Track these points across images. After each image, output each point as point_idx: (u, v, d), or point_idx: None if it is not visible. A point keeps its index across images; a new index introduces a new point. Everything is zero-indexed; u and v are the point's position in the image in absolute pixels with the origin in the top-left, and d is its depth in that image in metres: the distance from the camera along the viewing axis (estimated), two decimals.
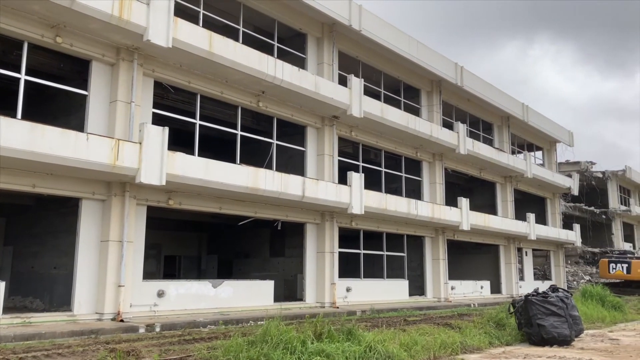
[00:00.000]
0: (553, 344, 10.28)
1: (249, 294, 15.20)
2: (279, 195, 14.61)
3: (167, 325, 11.41)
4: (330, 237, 17.52)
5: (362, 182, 17.30)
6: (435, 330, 10.29)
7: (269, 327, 7.48)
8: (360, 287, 18.78)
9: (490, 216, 24.45)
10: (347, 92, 17.26)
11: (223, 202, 14.54)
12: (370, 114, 18.14)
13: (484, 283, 25.71)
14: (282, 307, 15.94)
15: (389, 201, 18.59)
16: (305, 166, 17.47)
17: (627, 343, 10.83)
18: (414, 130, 20.16)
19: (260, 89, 15.38)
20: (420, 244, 22.52)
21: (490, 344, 10.13)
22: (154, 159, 11.72)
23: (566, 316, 10.52)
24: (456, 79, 23.18)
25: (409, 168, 22.41)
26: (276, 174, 14.56)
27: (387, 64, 21.04)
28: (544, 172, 29.96)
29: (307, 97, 16.14)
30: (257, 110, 16.09)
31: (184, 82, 13.98)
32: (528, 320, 10.65)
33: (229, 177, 13.36)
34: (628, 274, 30.75)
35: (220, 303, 14.33)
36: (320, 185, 15.93)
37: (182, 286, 13.67)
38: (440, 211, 21.03)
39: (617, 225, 44.73)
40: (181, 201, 13.64)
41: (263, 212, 15.69)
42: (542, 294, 10.90)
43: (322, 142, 17.79)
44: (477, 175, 26.25)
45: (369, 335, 8.19)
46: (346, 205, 16.76)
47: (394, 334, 9.21)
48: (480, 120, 27.47)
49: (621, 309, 17.09)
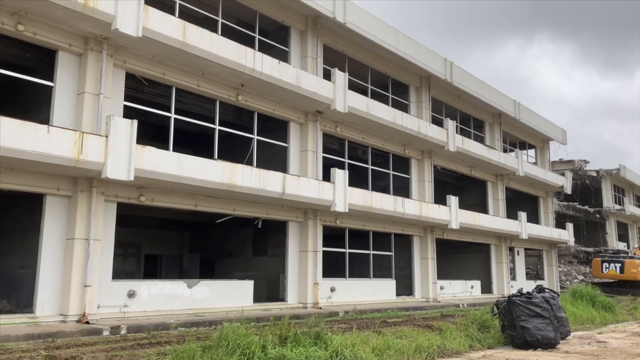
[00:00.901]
0: (537, 347, 9.80)
1: (227, 295, 14.67)
2: (257, 192, 14.08)
3: (134, 328, 10.87)
4: (314, 235, 17.00)
5: (346, 179, 16.79)
6: (413, 333, 9.79)
7: (226, 331, 6.95)
8: (345, 287, 18.27)
9: (481, 215, 23.97)
10: (330, 86, 16.75)
11: (199, 199, 14.01)
12: (355, 109, 17.63)
13: (475, 283, 25.24)
14: (262, 307, 15.47)
15: (375, 199, 18.08)
16: (287, 162, 16.96)
17: (615, 346, 10.35)
18: (401, 126, 19.66)
19: (239, 82, 14.85)
20: (408, 243, 22.04)
21: (471, 347, 9.64)
22: (122, 153, 11.18)
23: (551, 318, 10.04)
24: (445, 74, 22.69)
25: (397, 165, 21.92)
26: (254, 169, 14.04)
27: (374, 58, 20.54)
28: (536, 170, 29.51)
29: (288, 90, 15.62)
30: (237, 104, 15.56)
31: (158, 74, 13.44)
32: (511, 322, 10.18)
33: (204, 173, 12.83)
34: (621, 274, 30.33)
35: (195, 304, 13.79)
36: (301, 181, 15.41)
37: (155, 286, 13.13)
38: (428, 209, 20.54)
39: (611, 225, 44.37)
40: (154, 198, 13.10)
41: (242, 209, 15.16)
42: (526, 294, 10.42)
43: (306, 138, 17.27)
44: (468, 173, 25.77)
45: (338, 339, 7.67)
46: (329, 203, 16.25)
47: (367, 337, 8.71)
48: (471, 117, 27.00)
49: (612, 309, 16.65)
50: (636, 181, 47.02)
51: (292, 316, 14.62)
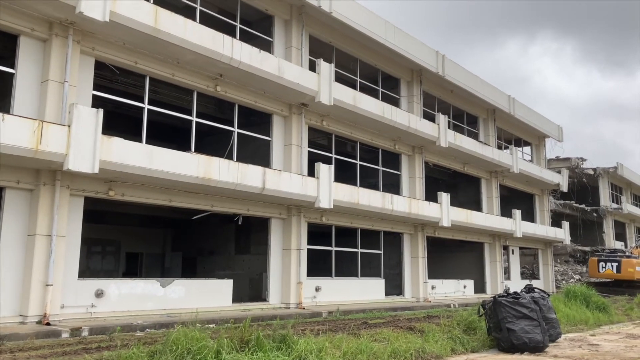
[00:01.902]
0: (524, 351, 9.17)
1: (204, 294, 14.02)
2: (235, 186, 13.43)
3: (97, 329, 10.22)
4: (297, 233, 16.36)
5: (331, 174, 16.14)
6: (393, 335, 9.15)
7: (175, 335, 6.30)
8: (331, 286, 17.63)
9: (473, 212, 23.34)
10: (315, 77, 16.09)
11: (173, 194, 13.36)
12: (341, 102, 16.98)
13: (467, 282, 24.62)
14: (242, 308, 14.84)
15: (362, 195, 17.44)
16: (270, 157, 16.32)
17: (608, 349, 9.72)
18: (390, 120, 19.01)
19: (217, 71, 14.20)
20: (398, 241, 21.40)
21: (453, 350, 9.00)
22: (86, 144, 10.52)
23: (539, 319, 9.40)
24: (437, 68, 22.04)
25: (387, 161, 21.29)
26: (232, 163, 13.38)
27: (363, 50, 19.89)
28: (531, 168, 28.88)
29: (270, 81, 14.97)
30: (216, 96, 14.91)
31: (130, 63, 12.78)
32: (497, 324, 9.54)
33: (177, 166, 12.18)
34: (618, 273, 29.78)
35: (170, 304, 13.15)
36: (283, 176, 14.76)
37: (125, 285, 12.48)
38: (419, 206, 19.90)
39: (609, 224, 43.80)
40: (124, 192, 12.44)
41: (220, 205, 14.51)
42: (512, 294, 9.78)
43: (290, 132, 16.62)
44: (461, 170, 25.14)
45: (303, 343, 7.03)
46: (313, 199, 15.61)
47: (341, 340, 8.06)
48: (465, 112, 26.36)
49: (607, 310, 16.03)
50: (634, 180, 46.45)
51: (272, 317, 14.09)
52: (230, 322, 12.89)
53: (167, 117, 14.84)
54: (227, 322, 12.79)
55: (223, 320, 12.60)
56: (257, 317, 13.41)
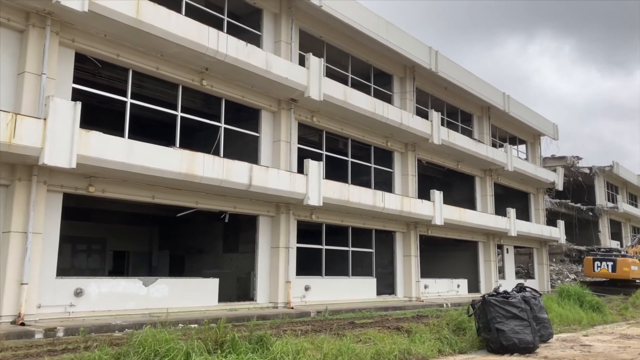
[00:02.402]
0: (514, 352, 8.86)
1: (189, 294, 13.67)
2: (220, 183, 13.08)
3: (73, 330, 9.87)
4: (286, 231, 16.02)
5: (320, 171, 15.80)
6: (379, 336, 8.82)
7: (143, 336, 5.97)
8: (321, 285, 17.30)
9: (467, 210, 23.04)
10: (304, 72, 15.76)
11: (157, 191, 13.00)
12: (331, 98, 16.65)
13: (461, 281, 24.32)
14: (228, 307, 14.50)
15: (352, 192, 17.11)
16: (258, 153, 15.98)
17: (600, 350, 9.42)
18: (381, 116, 18.69)
19: (203, 65, 13.85)
20: (391, 240, 21.08)
21: (440, 352, 8.69)
22: (63, 138, 10.16)
23: (529, 319, 9.10)
24: (430, 64, 21.73)
25: (380, 159, 20.97)
26: (217, 158, 13.03)
27: (354, 46, 19.56)
28: (526, 166, 28.61)
29: (257, 76, 14.63)
30: (202, 90, 14.56)
31: (112, 55, 12.42)
32: (486, 324, 9.24)
33: (159, 162, 11.82)
34: (613, 273, 29.51)
35: (153, 303, 12.79)
36: (271, 173, 14.42)
37: (106, 284, 12.12)
38: (411, 204, 19.59)
39: (604, 223, 43.59)
40: (105, 188, 12.08)
41: (206, 202, 14.16)
42: (502, 294, 9.48)
43: (279, 128, 16.28)
44: (455, 168, 24.84)
45: (279, 344, 6.71)
46: (302, 196, 15.27)
47: (322, 341, 7.73)
48: (459, 110, 26.06)
49: (601, 309, 15.74)
50: (630, 179, 46.26)
51: (258, 317, 13.76)
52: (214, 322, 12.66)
53: (155, 113, 14.46)
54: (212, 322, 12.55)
55: (207, 321, 12.27)
56: (242, 317, 13.07)
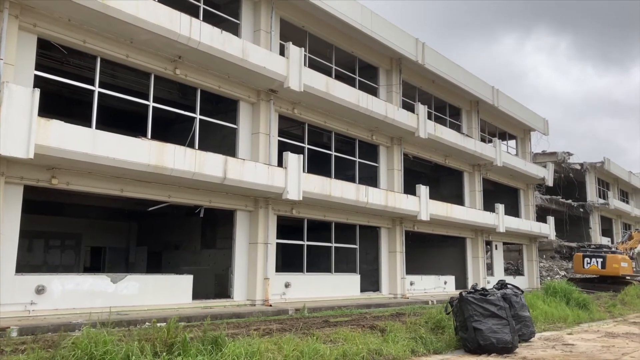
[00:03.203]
0: (491, 352, 8.42)
1: (161, 291, 13.15)
2: (192, 175, 12.55)
3: (29, 329, 9.33)
4: (265, 226, 15.51)
5: (300, 164, 15.29)
6: (351, 335, 8.36)
7: (78, 337, 5.46)
8: (302, 282, 16.81)
9: (454, 206, 22.60)
10: (283, 61, 15.23)
11: (126, 184, 12.45)
12: (312, 89, 16.13)
13: (448, 278, 23.90)
14: (202, 305, 13.98)
15: (334, 186, 16.62)
16: (236, 145, 15.45)
17: (583, 350, 9.00)
18: (365, 109, 18.19)
19: (175, 53, 13.30)
20: (376, 236, 20.63)
21: (414, 352, 8.23)
22: (19, 127, 9.61)
23: (508, 318, 8.65)
24: (417, 56, 21.24)
25: (365, 153, 20.48)
26: (189, 150, 12.49)
27: (339, 37, 19.03)
28: (515, 161, 28.22)
29: (234, 65, 14.09)
30: (175, 79, 14.00)
31: (78, 42, 11.84)
32: (463, 323, 8.79)
33: (126, 153, 11.28)
34: (603, 269, 29.20)
35: (122, 301, 12.26)
36: (247, 165, 13.90)
37: (71, 281, 11.58)
38: (395, 199, 19.12)
39: (595, 219, 43.31)
40: (69, 181, 11.52)
41: (179, 196, 13.63)
42: (480, 291, 9.03)
43: (258, 119, 15.75)
44: (442, 163, 24.39)
45: (234, 346, 6.22)
46: (281, 190, 14.76)
47: (287, 341, 7.24)
48: (447, 104, 25.60)
49: (588, 307, 15.37)
50: (621, 175, 46.02)
51: (232, 315, 13.26)
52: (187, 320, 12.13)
53: (131, 105, 13.86)
54: (182, 321, 12.04)
55: (177, 319, 11.76)
56: (216, 315, 12.59)
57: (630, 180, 48.12)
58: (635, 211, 48.45)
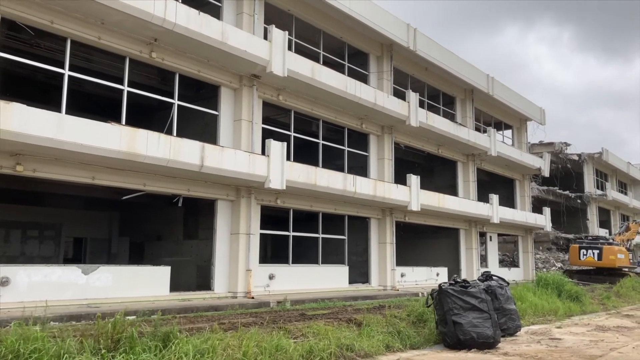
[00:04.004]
0: (471, 347, 7.96)
1: (136, 283, 12.68)
2: (167, 163, 12.03)
3: None
4: (247, 216, 15.02)
5: (283, 152, 14.77)
6: (325, 329, 7.88)
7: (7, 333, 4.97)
8: (287, 274, 16.34)
9: (446, 196, 22.09)
10: (266, 45, 14.66)
11: (97, 171, 11.93)
12: (297, 74, 15.57)
13: (441, 270, 23.45)
14: (180, 297, 13.51)
15: (320, 175, 16.10)
16: (217, 133, 14.92)
17: (569, 344, 8.54)
18: (354, 96, 17.63)
19: (151, 35, 12.73)
20: (366, 226, 20.14)
21: (388, 347, 7.76)
22: None
23: (489, 311, 8.18)
24: (408, 42, 20.64)
25: (354, 142, 19.94)
26: (163, 136, 11.96)
27: (327, 21, 18.42)
28: (510, 151, 27.67)
29: (213, 48, 13.52)
30: (151, 63, 13.44)
31: (45, 22, 11.28)
32: (442, 317, 8.32)
33: (95, 139, 10.75)
34: (599, 261, 28.81)
35: (94, 293, 11.80)
36: (226, 153, 13.37)
37: (38, 272, 11.10)
38: (385, 189, 18.61)
39: (593, 211, 42.82)
40: (35, 168, 11.01)
41: (155, 184, 13.11)
42: (461, 283, 8.55)
43: (240, 106, 15.21)
44: (435, 153, 23.86)
45: (187, 342, 5.74)
46: (263, 179, 14.25)
47: (251, 336, 6.77)
48: (441, 92, 25.02)
49: (580, 299, 14.93)
50: (619, 166, 45.47)
51: (209, 307, 12.80)
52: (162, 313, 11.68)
53: (111, 91, 13.30)
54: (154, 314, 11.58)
55: (150, 312, 11.33)
56: (194, 308, 12.15)
57: (629, 172, 47.60)
58: (633, 202, 47.94)
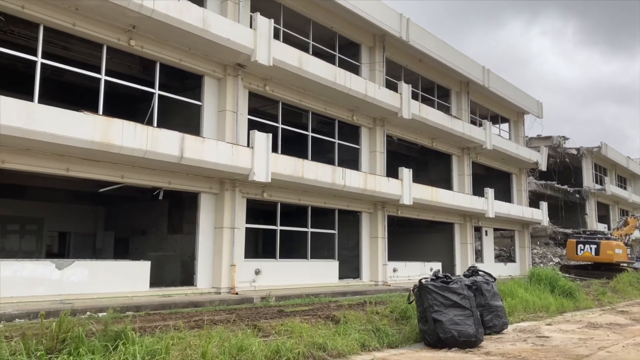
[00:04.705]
0: (452, 346, 7.55)
1: (114, 278, 12.29)
2: (144, 154, 11.62)
3: None
4: (231, 209, 14.61)
5: (269, 144, 14.34)
6: (299, 327, 7.48)
7: None
8: (274, 269, 15.95)
9: (440, 190, 21.66)
10: (250, 33, 14.21)
11: (70, 162, 11.51)
12: (284, 64, 15.13)
13: (435, 265, 23.03)
14: (161, 293, 13.14)
15: (307, 168, 15.68)
16: (201, 124, 14.50)
17: (557, 343, 8.13)
18: (343, 87, 17.18)
19: (129, 22, 12.29)
20: (357, 221, 19.74)
21: (364, 346, 7.36)
22: None
23: (472, 308, 7.77)
24: (401, 32, 20.15)
25: (345, 134, 19.51)
26: (139, 126, 11.54)
27: (316, 10, 17.95)
28: (506, 144, 27.20)
29: (194, 36, 13.07)
30: (130, 51, 13.00)
31: (15, 7, 10.85)
32: (423, 314, 7.91)
33: (67, 128, 10.34)
34: (596, 256, 28.28)
35: (68, 289, 11.41)
36: (208, 144, 12.95)
37: (9, 267, 10.70)
38: (375, 182, 18.18)
39: (592, 205, 42.38)
40: (4, 159, 10.59)
41: (133, 176, 12.69)
42: (442, 278, 8.13)
43: (224, 96, 14.78)
44: (429, 146, 23.42)
45: (131, 343, 5.34)
46: (247, 171, 13.83)
47: (216, 334, 6.36)
48: (436, 84, 24.55)
49: (574, 295, 14.51)
50: (619, 160, 44.98)
51: (191, 303, 12.37)
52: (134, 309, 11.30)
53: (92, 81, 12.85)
54: (130, 310, 11.20)
55: (124, 308, 10.96)
56: (171, 304, 11.78)
57: (629, 166, 47.12)
58: (633, 197, 47.47)
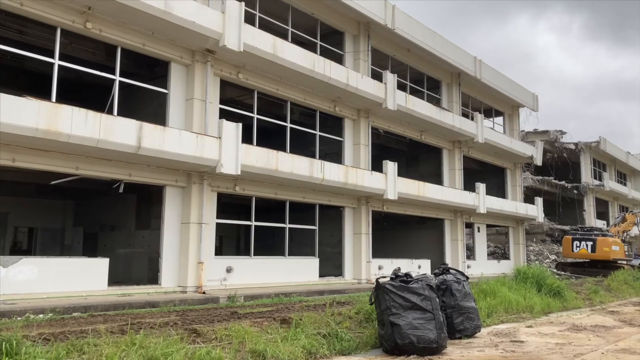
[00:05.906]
0: (411, 353, 6.76)
1: (68, 276, 11.52)
2: (97, 143, 10.83)
3: None
4: (199, 204, 13.82)
5: (238, 134, 13.54)
6: (243, 331, 6.70)
7: None
8: (247, 267, 15.18)
9: (427, 184, 20.83)
10: (219, 16, 13.40)
11: (16, 152, 10.73)
12: (256, 50, 14.32)
13: (423, 262, 22.23)
14: (119, 292, 12.37)
15: (282, 160, 14.88)
16: (167, 112, 13.71)
17: (530, 349, 7.33)
18: (323, 75, 16.37)
19: (84, 3, 11.49)
20: (340, 216, 18.94)
21: (311, 353, 6.57)
22: None
23: (433, 311, 6.97)
24: (386, 20, 19.31)
25: (327, 126, 18.71)
26: (91, 113, 10.74)
27: None
28: (499, 138, 26.33)
29: (156, 18, 12.27)
30: (87, 34, 12.19)
31: None
32: (380, 317, 7.12)
33: (7, 115, 9.56)
34: (593, 253, 27.47)
35: (14, 288, 10.64)
36: (168, 134, 12.15)
37: None
38: (357, 176, 17.37)
39: (590, 201, 41.46)
40: None
41: (89, 168, 11.89)
42: (403, 277, 7.33)
43: (192, 83, 13.98)
44: (418, 139, 22.58)
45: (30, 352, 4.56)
46: (214, 163, 13.04)
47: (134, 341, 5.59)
48: (425, 75, 23.70)
49: (561, 294, 13.69)
50: (618, 155, 44.05)
51: (146, 303, 11.63)
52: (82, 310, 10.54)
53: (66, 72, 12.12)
54: (78, 311, 10.44)
55: (71, 309, 10.20)
56: (126, 305, 11.01)
57: (628, 161, 46.19)
58: (632, 193, 46.54)
